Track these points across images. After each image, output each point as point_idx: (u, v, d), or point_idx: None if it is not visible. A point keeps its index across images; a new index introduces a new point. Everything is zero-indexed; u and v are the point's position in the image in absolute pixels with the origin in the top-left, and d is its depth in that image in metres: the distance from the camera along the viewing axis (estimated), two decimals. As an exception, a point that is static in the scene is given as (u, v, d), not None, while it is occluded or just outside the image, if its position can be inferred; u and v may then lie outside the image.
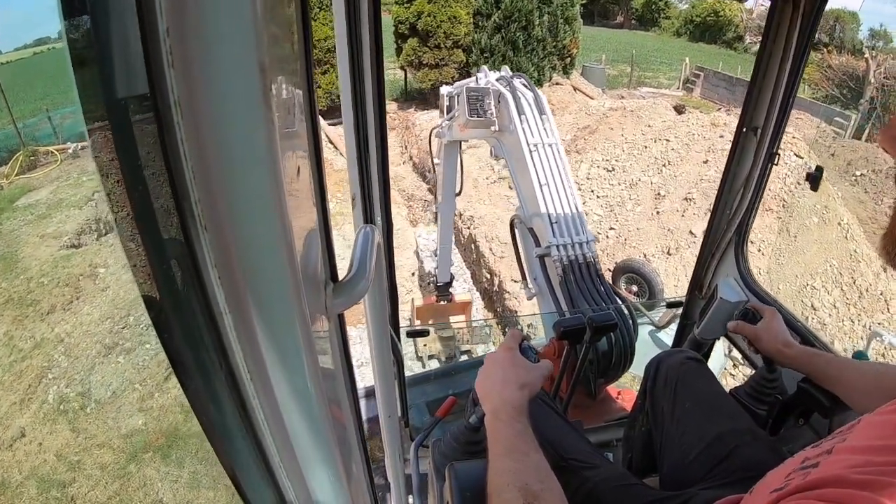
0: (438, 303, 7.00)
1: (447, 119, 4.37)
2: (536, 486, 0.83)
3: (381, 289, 1.04)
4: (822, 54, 20.51)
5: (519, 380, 1.07)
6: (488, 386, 1.10)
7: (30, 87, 20.63)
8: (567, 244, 2.94)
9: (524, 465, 0.88)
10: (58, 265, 8.40)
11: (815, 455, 0.65)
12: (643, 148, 11.17)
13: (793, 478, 0.62)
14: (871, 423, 0.64)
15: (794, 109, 1.89)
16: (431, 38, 15.64)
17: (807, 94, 18.43)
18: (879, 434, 0.60)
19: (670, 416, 1.42)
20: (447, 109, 4.34)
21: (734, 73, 20.57)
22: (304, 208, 0.50)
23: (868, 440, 0.60)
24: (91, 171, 11.57)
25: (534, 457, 0.91)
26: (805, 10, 1.62)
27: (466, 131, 3.96)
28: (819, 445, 0.68)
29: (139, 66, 0.30)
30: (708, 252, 2.19)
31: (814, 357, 1.39)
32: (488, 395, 1.08)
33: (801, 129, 13.64)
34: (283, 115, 0.39)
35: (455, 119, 4.05)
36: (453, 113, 4.13)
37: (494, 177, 11.38)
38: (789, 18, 1.65)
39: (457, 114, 3.94)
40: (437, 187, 5.33)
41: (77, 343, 7.00)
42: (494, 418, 1.01)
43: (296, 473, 0.57)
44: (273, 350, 0.46)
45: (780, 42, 1.70)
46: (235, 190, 0.36)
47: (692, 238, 8.71)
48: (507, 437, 0.96)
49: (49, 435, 5.87)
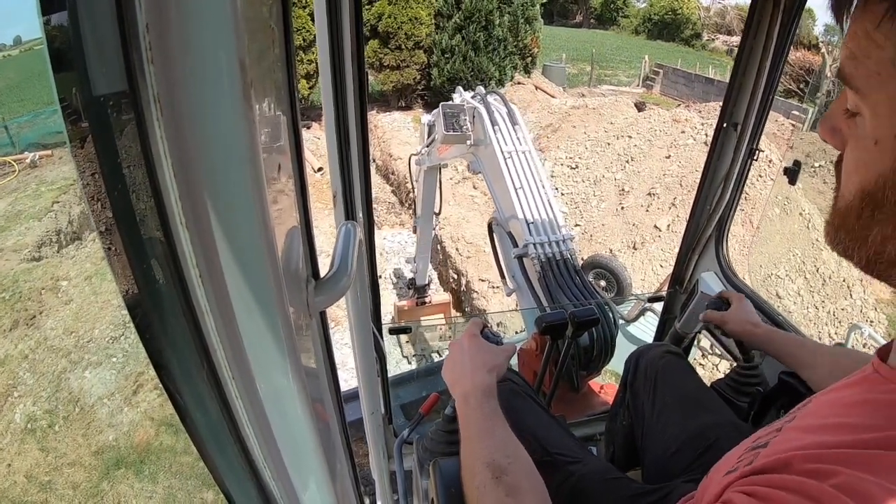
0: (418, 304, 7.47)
1: (426, 145, 4.58)
2: (503, 461, 0.86)
3: (363, 286, 1.04)
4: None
5: (486, 363, 1.11)
6: (457, 372, 1.13)
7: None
8: (544, 242, 3.05)
9: (491, 442, 0.91)
10: (19, 279, 8.10)
11: (765, 434, 0.65)
12: (606, 145, 11.35)
13: (744, 458, 0.61)
14: (821, 401, 0.63)
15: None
16: (392, 39, 15.64)
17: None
18: (829, 413, 0.59)
19: (651, 410, 1.43)
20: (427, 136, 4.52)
21: (693, 70, 21.07)
22: (286, 205, 0.50)
23: (818, 419, 0.59)
24: (50, 181, 11.22)
25: (500, 433, 0.94)
26: (785, 6, 1.63)
27: (445, 152, 4.15)
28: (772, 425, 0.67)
29: (118, 62, 0.29)
30: (688, 247, 2.22)
31: (775, 335, 1.42)
32: (457, 381, 1.11)
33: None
34: (264, 113, 0.39)
35: (434, 143, 4.23)
36: (432, 137, 4.29)
37: (458, 177, 11.42)
38: (770, 15, 1.66)
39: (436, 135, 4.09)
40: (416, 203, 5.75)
41: (42, 359, 6.76)
42: (464, 403, 1.04)
43: (280, 473, 0.57)
44: (255, 348, 0.46)
45: (760, 38, 1.71)
46: (216, 187, 0.36)
47: (657, 232, 8.88)
48: (476, 420, 0.98)
49: (17, 455, 5.67)
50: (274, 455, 0.54)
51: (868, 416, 0.53)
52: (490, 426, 0.96)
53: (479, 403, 1.01)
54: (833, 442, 0.52)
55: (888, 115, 0.46)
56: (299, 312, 0.54)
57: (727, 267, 2.10)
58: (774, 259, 8.39)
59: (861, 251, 0.52)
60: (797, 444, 0.55)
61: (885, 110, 0.47)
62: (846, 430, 0.53)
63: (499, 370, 1.12)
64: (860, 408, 0.55)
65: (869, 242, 0.51)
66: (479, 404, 1.01)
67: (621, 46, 29.83)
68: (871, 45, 0.46)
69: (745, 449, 0.65)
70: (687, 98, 19.17)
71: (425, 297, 7.51)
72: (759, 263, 8.38)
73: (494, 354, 1.15)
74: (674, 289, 2.34)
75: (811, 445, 0.53)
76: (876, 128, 0.48)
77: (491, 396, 1.04)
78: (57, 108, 0.31)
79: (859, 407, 0.55)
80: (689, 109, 12.95)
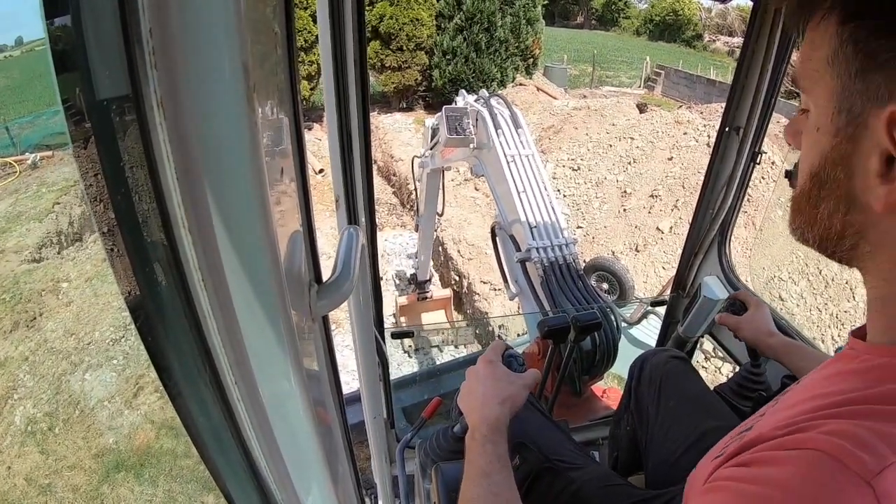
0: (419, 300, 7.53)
1: (429, 148, 4.59)
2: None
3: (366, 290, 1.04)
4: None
5: (499, 394, 1.04)
6: (469, 402, 1.07)
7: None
8: (547, 246, 3.03)
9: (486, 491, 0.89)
10: (19, 281, 8.12)
11: (751, 420, 0.69)
12: (608, 146, 11.34)
13: (729, 444, 0.64)
14: (802, 383, 0.67)
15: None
16: (394, 40, 15.65)
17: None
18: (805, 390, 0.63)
19: (655, 415, 1.42)
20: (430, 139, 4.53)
21: (694, 71, 21.07)
22: (288, 209, 0.50)
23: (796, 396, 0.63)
24: (51, 183, 11.24)
25: (497, 480, 0.90)
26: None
27: (448, 155, 4.15)
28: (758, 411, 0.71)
29: (122, 67, 0.29)
30: (691, 251, 2.21)
31: (791, 347, 1.41)
32: (468, 412, 1.06)
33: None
34: (266, 117, 0.39)
35: (437, 146, 4.22)
36: (436, 140, 4.28)
37: (460, 178, 11.43)
38: (771, 18, 1.65)
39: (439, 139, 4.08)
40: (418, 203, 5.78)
41: (42, 361, 6.76)
42: (471, 437, 1.00)
43: (282, 476, 0.56)
44: (258, 352, 0.45)
45: (762, 41, 1.70)
46: (219, 191, 0.36)
47: (659, 234, 8.87)
48: (477, 460, 0.94)
49: (17, 458, 5.67)
50: (276, 458, 0.54)
51: (841, 384, 0.57)
52: (489, 470, 0.92)
53: (483, 440, 0.96)
54: (809, 408, 0.56)
55: (825, 105, 0.54)
56: (302, 316, 0.54)
57: (730, 271, 2.09)
58: (777, 261, 8.37)
59: (813, 230, 0.59)
60: (776, 419, 0.59)
61: (823, 101, 0.55)
62: (821, 398, 0.57)
63: (513, 402, 1.04)
64: (834, 379, 0.59)
65: (818, 220, 0.58)
66: (483, 441, 0.96)
67: (622, 48, 29.89)
68: (812, 48, 0.54)
69: (731, 436, 0.70)
70: (689, 99, 19.16)
71: (426, 292, 7.53)
72: (762, 266, 8.37)
73: (509, 383, 1.07)
74: (676, 293, 2.33)
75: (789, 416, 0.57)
76: (818, 116, 0.56)
77: (497, 432, 0.98)
78: (60, 110, 0.31)
79: (833, 378, 0.60)
80: (691, 111, 12.95)
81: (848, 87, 0.51)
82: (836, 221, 0.56)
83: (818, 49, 0.53)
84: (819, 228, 0.58)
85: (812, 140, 0.57)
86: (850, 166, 0.53)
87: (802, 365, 1.33)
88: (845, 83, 0.51)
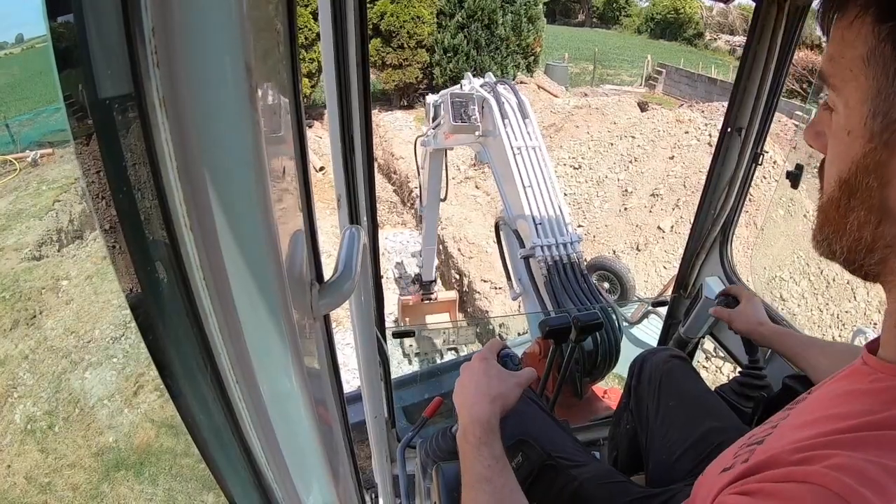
0: (423, 301, 7.12)
1: (432, 127, 4.35)
2: None
3: (367, 289, 1.04)
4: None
5: (490, 392, 1.01)
6: (461, 400, 1.03)
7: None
8: (551, 244, 3.00)
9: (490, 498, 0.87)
10: (19, 279, 8.11)
11: (761, 431, 0.66)
12: (609, 145, 11.35)
13: (740, 455, 0.63)
14: (813, 396, 0.66)
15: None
16: (395, 38, 15.67)
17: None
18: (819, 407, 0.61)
19: (655, 414, 1.43)
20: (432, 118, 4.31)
21: (695, 70, 21.04)
22: (290, 209, 0.50)
23: (809, 414, 0.61)
24: (51, 180, 11.23)
25: (498, 482, 0.88)
26: (790, 10, 1.62)
27: (451, 138, 3.98)
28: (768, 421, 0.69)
29: (124, 65, 0.29)
30: (692, 251, 2.21)
31: (784, 335, 1.42)
32: (460, 410, 1.03)
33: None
34: (268, 116, 0.39)
35: (440, 127, 4.06)
36: (438, 121, 4.10)
37: (461, 177, 11.43)
38: (774, 18, 1.65)
39: (442, 121, 3.95)
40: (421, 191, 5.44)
41: (42, 359, 6.77)
42: (463, 440, 0.96)
43: (283, 474, 0.56)
44: (259, 351, 0.45)
45: (764, 42, 1.70)
46: (221, 190, 0.36)
47: (660, 233, 8.87)
48: (474, 465, 0.91)
49: (17, 457, 5.67)
50: (277, 457, 0.54)
51: (853, 405, 0.55)
52: (489, 476, 0.89)
53: (477, 443, 0.93)
54: (820, 432, 0.54)
55: (857, 106, 0.51)
56: (303, 315, 0.54)
57: (731, 271, 2.09)
58: (778, 261, 8.37)
59: (842, 241, 0.55)
60: (789, 440, 0.57)
61: (855, 102, 0.51)
62: (833, 419, 0.55)
63: (504, 400, 1.00)
64: (846, 398, 0.58)
65: (847, 230, 0.54)
66: (477, 444, 0.93)
67: (624, 46, 29.87)
68: (845, 46, 0.51)
69: (741, 446, 0.67)
70: (690, 98, 19.14)
71: (431, 293, 7.07)
72: (763, 265, 8.37)
73: (501, 381, 1.03)
74: (678, 293, 2.33)
75: (801, 439, 0.55)
76: (848, 118, 0.52)
77: (490, 433, 0.94)
78: (62, 107, 0.31)
79: (846, 397, 0.58)
80: (693, 109, 12.94)
81: (885, 90, 0.48)
82: (867, 233, 0.52)
83: (851, 47, 0.50)
84: (848, 240, 0.54)
85: (841, 144, 0.54)
86: (884, 175, 0.50)
87: (795, 351, 1.35)
88: (882, 85, 0.48)
